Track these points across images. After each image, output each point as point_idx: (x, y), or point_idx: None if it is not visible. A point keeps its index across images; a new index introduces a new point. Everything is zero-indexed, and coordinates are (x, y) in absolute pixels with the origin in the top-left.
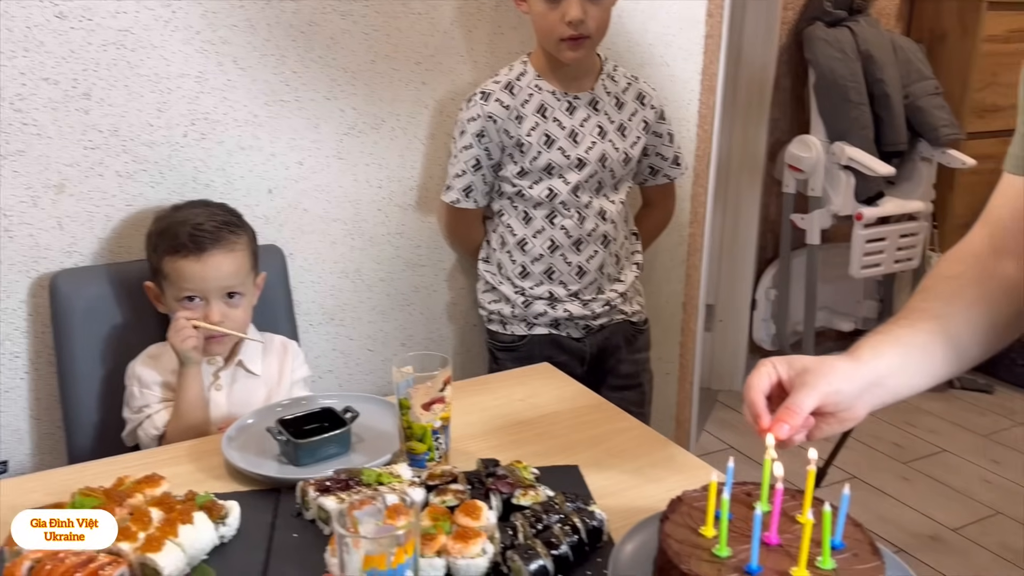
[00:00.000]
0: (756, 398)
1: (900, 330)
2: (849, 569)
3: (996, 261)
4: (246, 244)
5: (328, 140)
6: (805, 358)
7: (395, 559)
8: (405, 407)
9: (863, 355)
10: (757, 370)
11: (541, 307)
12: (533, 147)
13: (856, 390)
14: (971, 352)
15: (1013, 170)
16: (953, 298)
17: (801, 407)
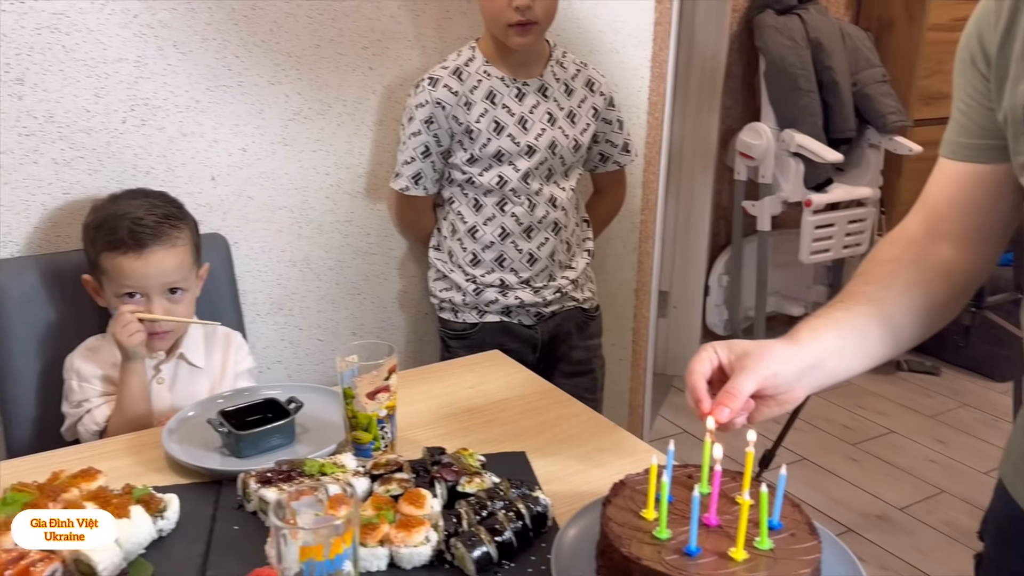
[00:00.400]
0: (697, 383)
1: (838, 313)
2: (786, 549)
3: (932, 245)
4: (188, 237)
5: (273, 126)
6: (745, 342)
7: (333, 550)
8: (350, 396)
9: (802, 338)
10: (698, 355)
11: (492, 295)
12: (482, 134)
13: (795, 372)
14: (907, 334)
15: (948, 155)
16: (890, 281)
17: (741, 390)
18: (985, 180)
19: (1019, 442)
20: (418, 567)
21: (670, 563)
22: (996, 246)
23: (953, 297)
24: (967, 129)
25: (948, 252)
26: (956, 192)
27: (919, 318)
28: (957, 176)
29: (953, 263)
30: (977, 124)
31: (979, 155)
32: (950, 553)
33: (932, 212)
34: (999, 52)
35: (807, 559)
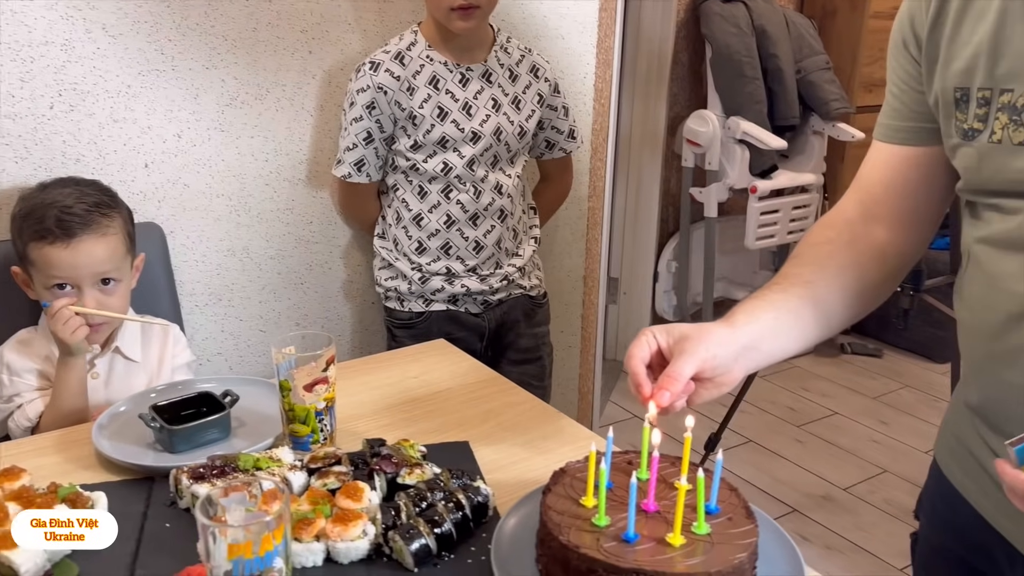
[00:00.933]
0: (637, 367)
1: (773, 295)
2: (723, 533)
3: (866, 227)
4: (120, 226)
5: (208, 111)
6: (683, 326)
7: (262, 547)
8: (286, 389)
9: (738, 320)
10: (637, 340)
11: (439, 283)
12: (426, 120)
13: (732, 354)
14: (840, 316)
15: (882, 138)
16: (824, 263)
17: (681, 374)
18: (918, 163)
19: (952, 423)
20: (356, 561)
21: (608, 550)
22: (929, 228)
23: (885, 279)
24: (900, 112)
25: (882, 234)
26: (890, 175)
27: (852, 300)
28: (891, 159)
29: (886, 245)
30: (909, 107)
31: (912, 138)
32: (891, 531)
33: (866, 195)
34: (929, 36)
35: (744, 543)
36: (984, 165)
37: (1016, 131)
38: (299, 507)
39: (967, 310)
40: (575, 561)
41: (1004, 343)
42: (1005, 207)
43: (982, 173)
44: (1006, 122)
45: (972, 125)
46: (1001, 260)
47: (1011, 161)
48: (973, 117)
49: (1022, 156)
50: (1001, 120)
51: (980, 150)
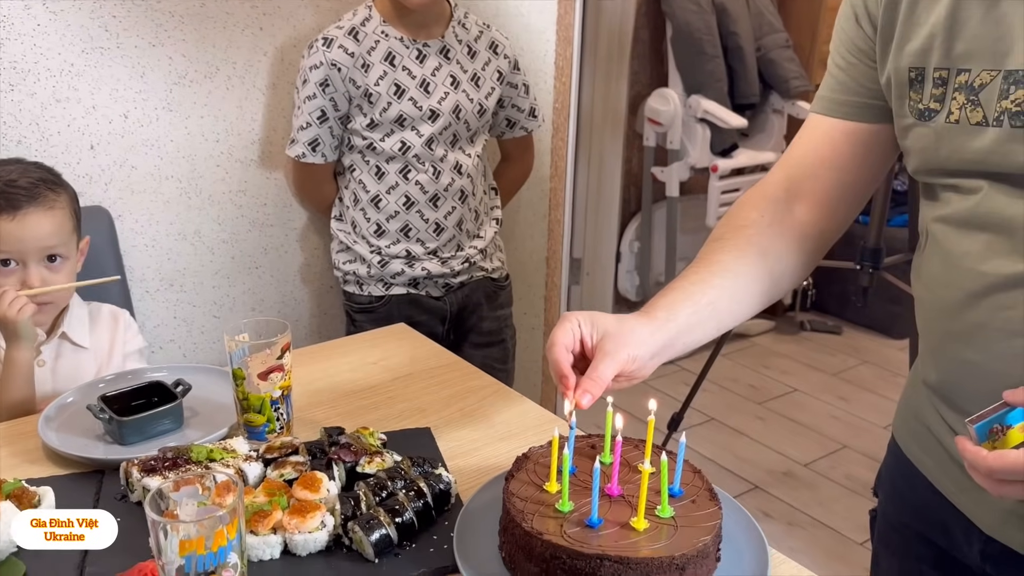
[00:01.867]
0: (560, 355)
1: (692, 287)
2: (687, 516)
3: (788, 206)
4: (66, 203)
5: (156, 90)
6: (606, 320)
7: (215, 542)
8: (240, 378)
9: (658, 316)
10: (561, 326)
11: (398, 266)
12: (382, 97)
13: (650, 354)
14: (755, 303)
15: (821, 111)
16: (744, 250)
17: (604, 377)
18: (856, 139)
19: (910, 401)
20: (314, 553)
21: (571, 536)
22: (853, 209)
23: (803, 263)
24: (845, 86)
25: (804, 214)
26: (825, 149)
27: (768, 287)
28: (828, 133)
29: (807, 226)
30: (857, 82)
31: (855, 113)
32: (851, 506)
33: (795, 169)
34: (884, 14)
35: (707, 525)
36: (941, 145)
37: (973, 111)
38: (254, 499)
39: (925, 289)
40: (539, 548)
41: (962, 321)
42: (963, 187)
43: (939, 153)
44: (963, 102)
45: (928, 105)
46: (960, 239)
47: (968, 141)
48: (929, 97)
49: (979, 136)
50: (958, 100)
51: (937, 130)
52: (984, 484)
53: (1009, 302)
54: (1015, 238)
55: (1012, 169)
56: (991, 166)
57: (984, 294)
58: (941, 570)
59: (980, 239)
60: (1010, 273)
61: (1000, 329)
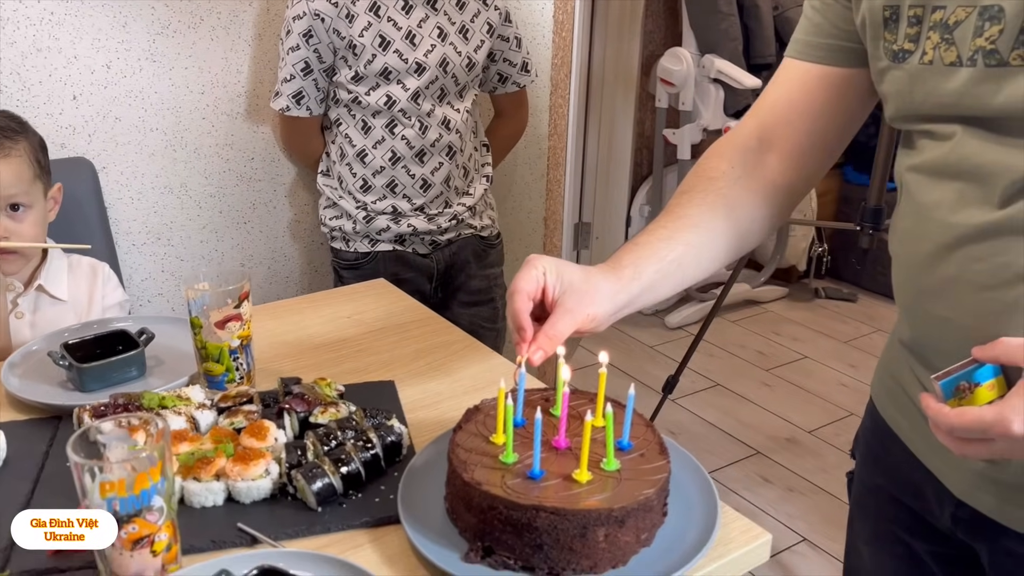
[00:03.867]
0: (521, 306)
1: (659, 244)
2: (633, 469)
3: (759, 156)
4: (25, 149)
5: (138, 40)
6: (572, 271)
7: (137, 485)
8: (197, 326)
9: (624, 273)
10: (526, 272)
11: (384, 222)
12: (367, 49)
13: (608, 313)
14: (721, 260)
15: (796, 55)
16: (713, 204)
17: (560, 335)
18: (831, 84)
19: (888, 361)
20: (258, 501)
21: (511, 487)
22: (825, 160)
23: (772, 216)
24: (820, 28)
25: (774, 164)
26: (798, 95)
27: (736, 241)
28: (802, 78)
29: (777, 176)
30: (832, 23)
31: (829, 57)
32: None
33: (768, 116)
34: None
35: (653, 479)
36: (915, 88)
37: (947, 50)
38: (201, 446)
39: (899, 243)
40: (477, 498)
41: (932, 276)
42: (937, 133)
43: (913, 97)
44: (937, 41)
45: (902, 46)
46: (931, 189)
47: (942, 83)
48: (903, 37)
49: (953, 77)
50: (932, 39)
51: (911, 72)
52: (946, 442)
53: (979, 253)
54: (987, 186)
55: (986, 112)
56: (964, 109)
57: (955, 246)
58: (913, 533)
59: (952, 188)
60: (980, 223)
61: (970, 282)
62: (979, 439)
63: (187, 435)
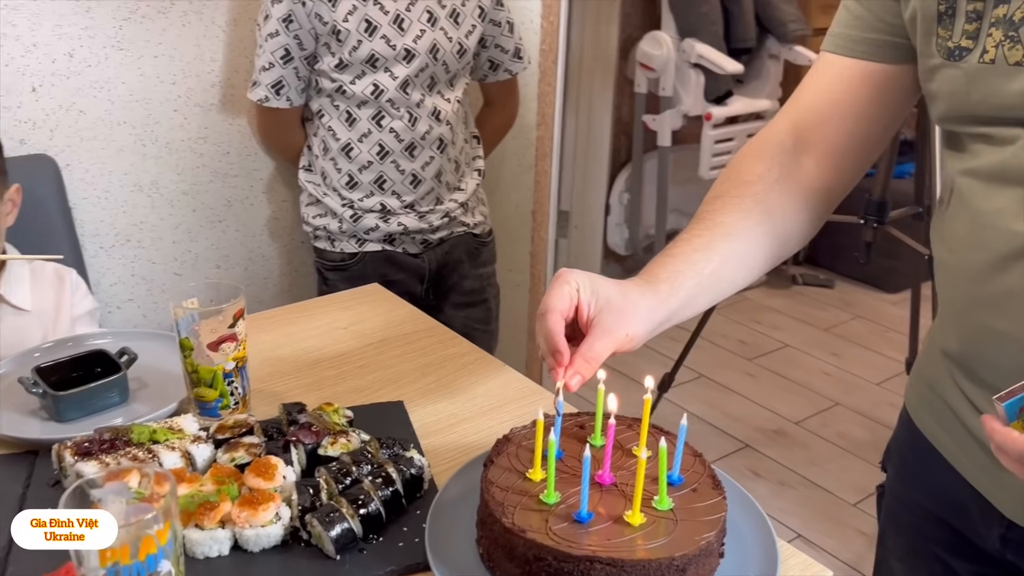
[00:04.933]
0: (555, 327)
1: (696, 255)
2: (687, 508)
3: (796, 158)
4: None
5: (103, 27)
6: (608, 287)
7: (143, 550)
8: (188, 348)
9: (662, 288)
10: (558, 289)
11: (372, 221)
12: (352, 35)
13: (648, 331)
14: (759, 269)
15: (836, 50)
16: (749, 210)
17: (599, 359)
18: (874, 81)
19: (926, 371)
20: (268, 550)
21: (558, 534)
22: (864, 161)
23: (810, 223)
24: (863, 22)
25: (812, 166)
26: (838, 93)
27: (774, 251)
28: (841, 74)
29: (814, 180)
30: (876, 16)
31: (872, 52)
32: (844, 466)
33: (805, 115)
34: None
35: (710, 519)
36: (974, 89)
37: (1012, 49)
38: (201, 488)
39: (949, 251)
40: (521, 547)
41: (991, 287)
42: (996, 136)
43: (971, 98)
44: (1000, 39)
45: (959, 43)
46: (991, 195)
47: (1005, 84)
48: (960, 34)
49: (1018, 78)
50: (994, 37)
51: (969, 72)
52: (1014, 469)
53: None
54: None
55: None
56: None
57: (1017, 256)
58: (955, 553)
59: (1014, 195)
60: None
61: None
62: None
63: (184, 475)
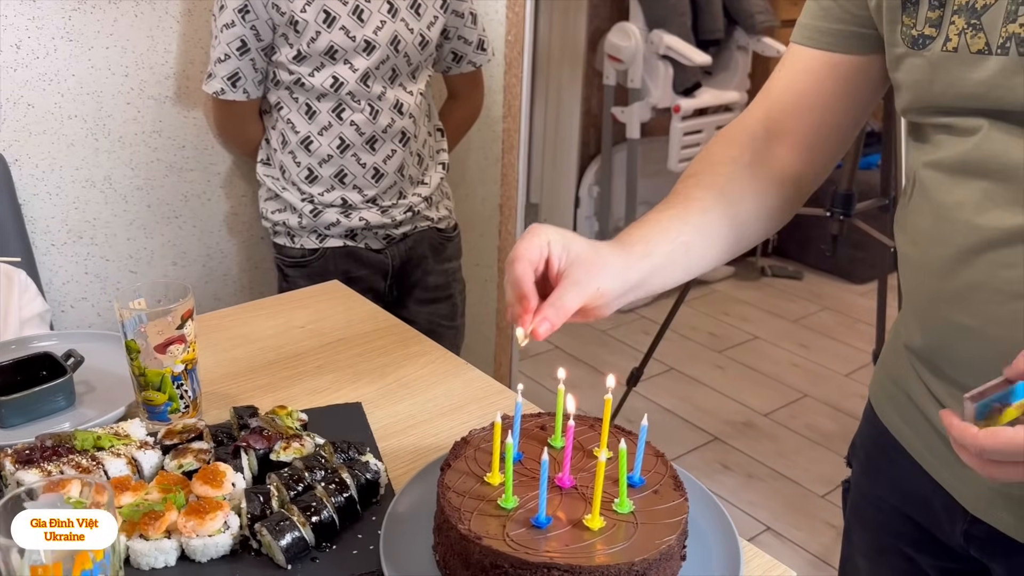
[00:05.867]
0: (524, 274)
1: (669, 223)
2: (648, 510)
3: (768, 145)
4: None
5: (51, 17)
6: (579, 242)
7: (77, 566)
8: (135, 351)
9: (635, 250)
10: (529, 240)
11: (333, 216)
12: (310, 26)
13: (618, 291)
14: (731, 248)
15: (803, 41)
16: (723, 189)
17: (568, 308)
18: (841, 73)
19: (890, 365)
20: (216, 559)
21: (515, 540)
22: (836, 151)
23: (783, 207)
24: (829, 13)
25: (784, 154)
26: (806, 85)
27: (746, 231)
28: (809, 66)
29: (787, 167)
30: (842, 7)
31: (839, 43)
32: (813, 457)
33: (775, 105)
34: None
35: (671, 522)
36: (937, 78)
37: (974, 37)
38: (147, 496)
39: (912, 245)
40: (477, 554)
41: (954, 281)
42: (958, 127)
43: (933, 88)
44: (963, 27)
45: (923, 31)
46: (952, 188)
47: (968, 73)
48: (924, 22)
49: (980, 66)
50: (957, 24)
51: (932, 60)
52: (973, 465)
53: (1009, 259)
54: (1016, 186)
55: (1017, 105)
56: (992, 102)
57: (980, 250)
58: (919, 549)
59: (976, 187)
60: (1010, 226)
61: (998, 290)
62: (1013, 462)
63: (129, 483)
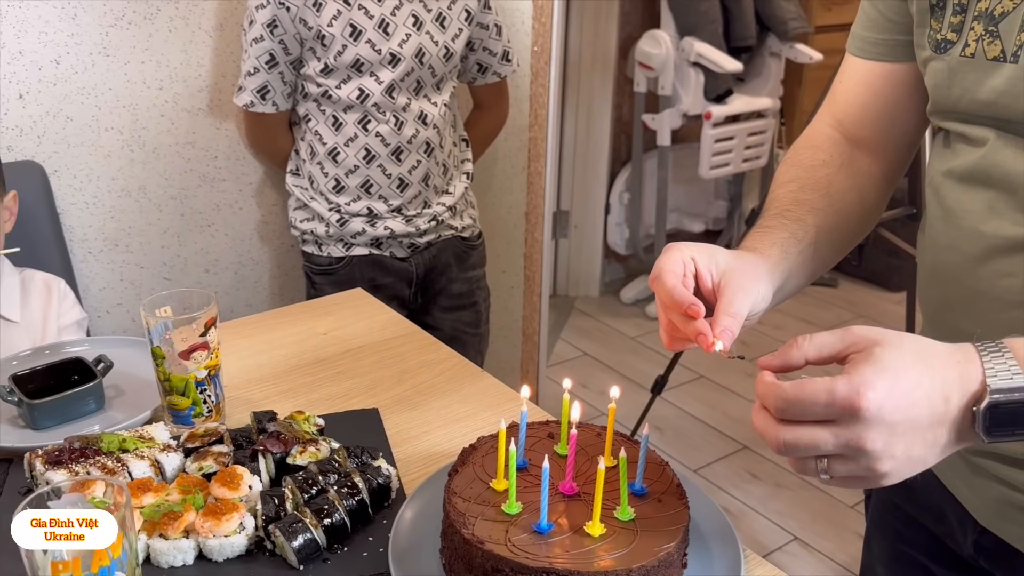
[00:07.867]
0: (678, 285)
1: (793, 225)
2: (649, 518)
3: (852, 151)
4: None
5: (90, 33)
6: (723, 253)
7: (95, 563)
8: (160, 357)
9: (772, 253)
10: (669, 255)
11: (359, 225)
12: (337, 40)
13: (771, 295)
14: (844, 246)
15: (856, 52)
16: (827, 190)
17: (741, 314)
18: (897, 81)
19: None
20: (232, 559)
21: (516, 545)
22: (905, 155)
23: (875, 206)
24: (876, 23)
25: (863, 158)
26: (866, 95)
27: (851, 229)
28: (866, 77)
29: (870, 170)
30: (885, 16)
31: (888, 53)
32: None
33: (844, 116)
34: None
35: (671, 529)
36: (954, 82)
37: (991, 44)
38: (167, 497)
39: (925, 250)
40: (479, 558)
41: (960, 288)
42: (971, 136)
43: (952, 92)
44: (981, 32)
45: (945, 35)
46: (962, 196)
47: (982, 78)
48: (947, 26)
49: (995, 73)
50: (976, 30)
51: (951, 65)
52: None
53: (1009, 268)
54: (1018, 197)
55: (1020, 115)
56: (1001, 110)
57: (984, 258)
58: (932, 557)
59: (983, 196)
60: (1011, 236)
61: (998, 299)
62: (807, 421)
63: (151, 484)
